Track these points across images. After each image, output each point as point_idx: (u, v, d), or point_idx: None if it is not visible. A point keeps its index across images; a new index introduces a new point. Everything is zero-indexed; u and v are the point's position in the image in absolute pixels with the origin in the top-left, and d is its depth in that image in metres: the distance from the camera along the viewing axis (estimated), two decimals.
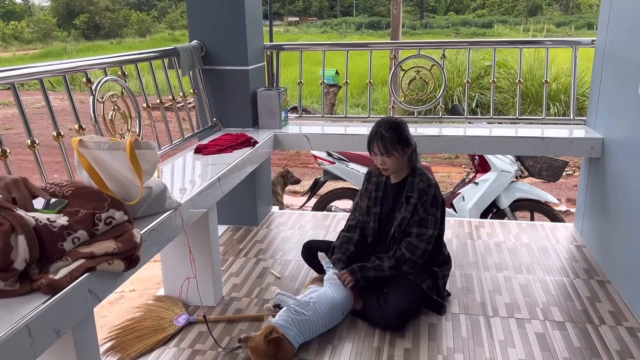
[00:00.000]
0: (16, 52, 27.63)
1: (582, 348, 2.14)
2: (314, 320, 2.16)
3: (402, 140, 2.33)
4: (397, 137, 2.32)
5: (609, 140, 2.86)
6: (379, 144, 2.33)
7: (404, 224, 2.36)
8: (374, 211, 2.49)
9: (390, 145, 2.31)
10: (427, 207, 2.34)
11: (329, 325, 2.26)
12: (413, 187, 2.37)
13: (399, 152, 2.33)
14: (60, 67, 2.04)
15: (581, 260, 2.92)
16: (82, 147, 1.70)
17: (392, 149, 2.31)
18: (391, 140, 2.31)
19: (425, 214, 2.34)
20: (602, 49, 2.98)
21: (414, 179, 2.38)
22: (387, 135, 2.31)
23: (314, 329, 2.18)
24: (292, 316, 2.13)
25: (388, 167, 2.37)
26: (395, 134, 2.32)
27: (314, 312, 2.18)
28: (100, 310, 3.35)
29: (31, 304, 1.29)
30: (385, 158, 2.34)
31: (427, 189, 2.34)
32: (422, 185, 2.35)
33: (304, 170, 7.73)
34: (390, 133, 2.32)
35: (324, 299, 2.25)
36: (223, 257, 3.03)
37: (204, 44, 3.19)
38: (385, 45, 4.31)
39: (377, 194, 2.49)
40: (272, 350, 2.00)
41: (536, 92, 9.61)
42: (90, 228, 1.52)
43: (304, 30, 39.14)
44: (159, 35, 34.23)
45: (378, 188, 2.50)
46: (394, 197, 2.45)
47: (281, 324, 2.10)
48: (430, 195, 2.34)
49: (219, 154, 2.74)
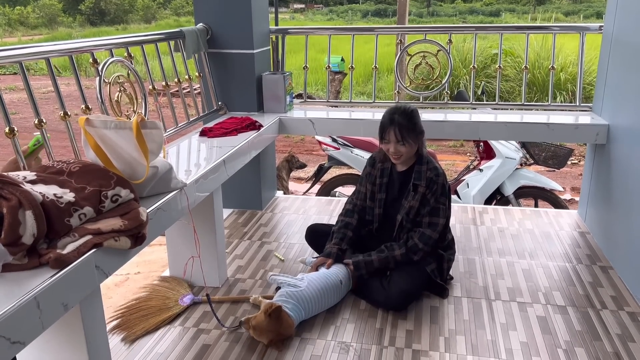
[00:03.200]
0: (22, 37, 27.62)
1: (582, 331, 2.16)
2: (309, 293, 2.20)
3: (417, 128, 2.34)
4: (414, 126, 2.33)
5: (615, 126, 2.86)
6: (396, 132, 2.31)
7: (412, 212, 2.37)
8: (378, 197, 2.49)
9: (406, 133, 2.31)
10: (437, 196, 2.35)
11: (331, 300, 2.29)
12: (421, 176, 2.36)
13: (413, 140, 2.33)
14: (67, 46, 2.05)
15: (584, 246, 2.92)
16: (89, 125, 1.71)
17: (408, 137, 2.31)
18: (408, 128, 2.31)
19: (436, 203, 2.35)
20: (610, 35, 2.96)
21: (422, 167, 2.38)
22: (404, 122, 2.31)
23: (312, 302, 2.21)
24: (287, 290, 2.19)
25: (402, 155, 2.36)
26: (411, 122, 2.32)
27: (308, 284, 2.22)
28: (106, 292, 3.39)
29: (39, 278, 1.31)
30: (399, 146, 2.33)
31: (436, 178, 2.35)
32: (430, 174, 2.35)
33: (308, 157, 7.73)
34: (407, 121, 2.31)
35: (316, 274, 2.31)
36: (228, 239, 3.06)
37: (210, 27, 3.19)
38: (391, 30, 4.29)
39: (382, 180, 2.49)
40: (274, 325, 2.04)
41: (543, 80, 9.54)
42: (96, 205, 1.54)
43: (310, 17, 38.85)
44: (164, 21, 34.08)
45: (383, 174, 2.49)
46: (401, 184, 2.45)
47: (278, 299, 2.16)
48: (439, 185, 2.35)
49: (224, 137, 2.75)
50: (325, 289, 2.26)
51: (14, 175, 1.50)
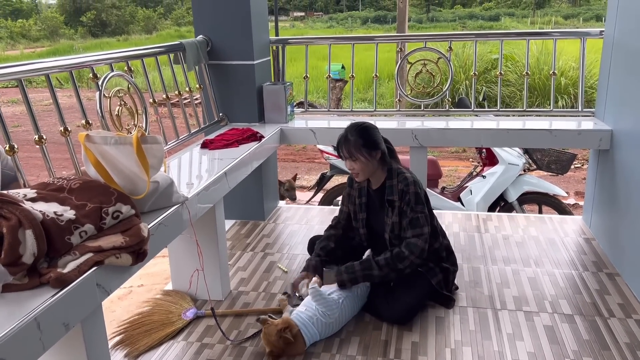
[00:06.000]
0: (24, 49, 27.78)
1: (591, 341, 2.13)
2: (336, 323, 2.19)
3: (368, 144, 2.30)
4: (363, 141, 2.29)
5: (618, 131, 2.84)
6: (344, 148, 2.32)
7: (395, 229, 2.33)
8: (360, 217, 2.48)
9: (354, 149, 2.29)
10: (412, 206, 2.28)
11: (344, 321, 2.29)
12: (393, 190, 2.33)
13: (364, 156, 2.29)
14: (67, 62, 2.04)
15: (590, 253, 2.90)
16: (89, 142, 1.70)
17: (356, 153, 2.29)
18: (355, 143, 2.29)
19: (413, 213, 2.28)
20: (611, 39, 2.95)
21: (392, 182, 2.34)
22: (351, 139, 2.30)
23: (333, 330, 2.20)
24: (318, 317, 2.14)
25: (357, 172, 2.35)
26: (360, 137, 2.30)
27: (340, 315, 2.20)
28: (110, 305, 3.37)
29: (40, 298, 1.30)
30: (352, 162, 2.32)
31: (406, 188, 2.29)
32: (400, 186, 2.31)
33: (310, 165, 7.73)
34: (356, 137, 2.30)
35: (350, 304, 2.27)
36: (230, 251, 3.04)
37: (210, 39, 3.19)
38: (391, 38, 4.30)
39: (362, 199, 2.47)
40: (281, 345, 2.02)
41: (544, 85, 9.54)
42: (97, 222, 1.53)
43: (310, 25, 39.02)
44: (165, 31, 34.29)
45: (361, 194, 2.48)
46: (379, 201, 2.42)
47: (303, 320, 2.12)
48: (411, 194, 2.28)
49: (225, 148, 2.74)
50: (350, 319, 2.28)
51: (14, 193, 1.49)
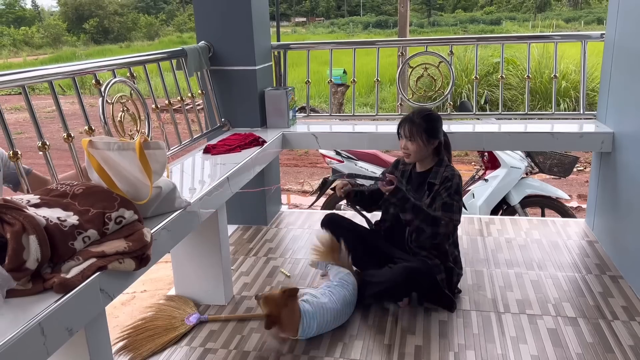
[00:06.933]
0: (27, 57, 27.92)
1: (594, 344, 2.12)
2: (329, 308, 2.21)
3: (428, 129, 2.39)
4: (425, 126, 2.38)
5: (620, 134, 2.84)
6: (406, 127, 2.42)
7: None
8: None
9: (415, 131, 2.39)
10: (451, 192, 2.34)
11: (340, 321, 2.28)
12: (437, 175, 2.40)
13: (422, 140, 2.38)
14: (69, 69, 2.05)
15: (593, 255, 2.89)
16: (92, 147, 1.71)
17: (416, 135, 2.38)
18: (418, 126, 2.38)
19: (449, 199, 2.33)
20: (612, 42, 2.95)
21: (439, 169, 2.42)
22: (416, 120, 2.40)
23: (328, 317, 2.20)
24: (311, 299, 2.21)
25: (410, 152, 2.43)
26: (424, 121, 2.39)
27: (330, 300, 2.23)
28: (113, 311, 3.38)
29: (44, 303, 1.30)
30: (408, 142, 2.42)
31: (451, 176, 2.37)
32: (446, 173, 2.39)
33: (312, 170, 7.73)
34: (420, 120, 2.40)
35: (338, 291, 2.30)
36: (233, 256, 3.04)
37: (212, 45, 3.20)
38: (392, 42, 4.30)
39: (402, 181, 2.52)
40: (283, 305, 2.09)
41: (545, 88, 9.53)
42: (100, 227, 1.54)
43: (312, 30, 39.14)
44: (167, 38, 34.44)
45: (403, 176, 2.56)
46: (418, 185, 2.48)
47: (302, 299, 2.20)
48: (454, 183, 2.36)
49: (227, 153, 2.75)
50: (342, 309, 2.27)
51: (17, 199, 1.50)
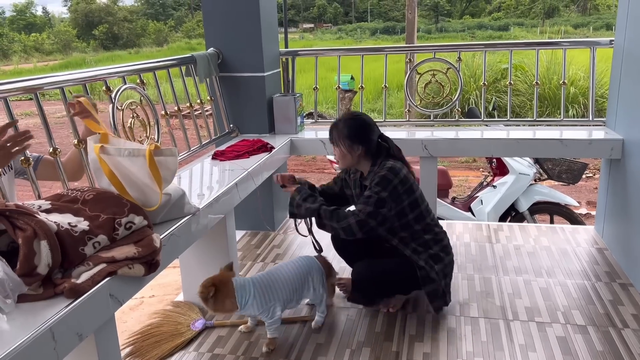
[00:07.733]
0: (37, 63, 28.23)
1: (604, 352, 2.11)
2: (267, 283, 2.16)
3: (350, 135, 2.29)
4: (347, 132, 2.30)
5: (630, 141, 2.82)
6: (331, 132, 2.38)
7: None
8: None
9: (336, 136, 2.34)
10: (372, 185, 2.23)
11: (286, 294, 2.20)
12: (369, 176, 2.32)
13: (344, 146, 2.31)
14: (80, 76, 2.08)
15: (603, 263, 2.87)
16: (103, 153, 1.73)
17: (338, 140, 2.33)
18: (340, 131, 2.33)
19: (369, 191, 2.23)
20: (621, 48, 2.94)
21: (374, 168, 2.31)
22: (339, 125, 2.34)
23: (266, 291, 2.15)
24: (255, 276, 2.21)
25: (337, 158, 2.39)
26: (346, 127, 2.32)
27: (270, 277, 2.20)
28: (121, 316, 3.39)
29: (54, 308, 1.31)
30: (333, 147, 2.38)
31: (380, 172, 2.24)
32: (380, 170, 2.26)
33: (320, 176, 7.74)
34: (343, 125, 2.33)
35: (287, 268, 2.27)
36: (241, 262, 3.05)
37: (220, 52, 3.23)
38: (400, 49, 4.31)
39: (355, 191, 2.49)
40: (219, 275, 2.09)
41: (554, 94, 9.50)
42: (110, 233, 1.55)
43: (319, 36, 39.28)
44: (176, 44, 34.67)
45: (355, 185, 2.49)
46: (361, 191, 2.43)
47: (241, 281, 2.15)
48: (378, 176, 2.23)
49: (236, 159, 2.77)
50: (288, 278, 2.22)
51: (29, 204, 1.51)
